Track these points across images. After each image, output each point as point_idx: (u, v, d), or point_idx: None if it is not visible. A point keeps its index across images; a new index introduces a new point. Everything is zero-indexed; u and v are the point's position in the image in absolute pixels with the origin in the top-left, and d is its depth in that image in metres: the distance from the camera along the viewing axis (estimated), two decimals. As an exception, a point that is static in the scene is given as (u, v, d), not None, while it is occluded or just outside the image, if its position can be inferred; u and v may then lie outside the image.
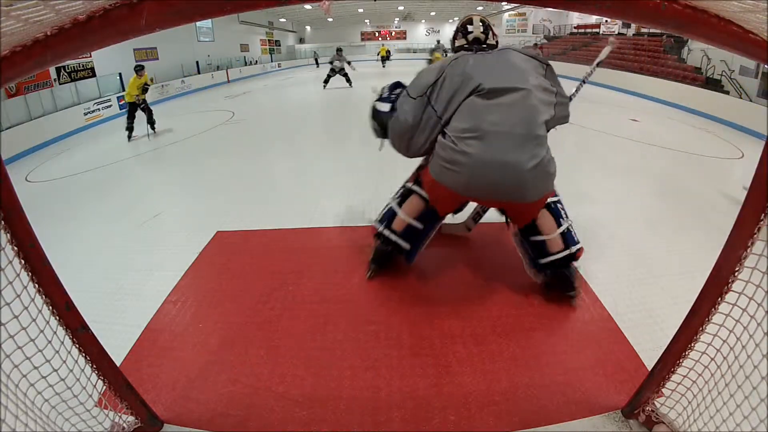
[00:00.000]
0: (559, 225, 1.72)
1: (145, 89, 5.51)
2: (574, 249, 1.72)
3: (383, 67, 17.07)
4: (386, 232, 1.80)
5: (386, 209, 1.89)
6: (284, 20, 25.63)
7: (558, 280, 1.76)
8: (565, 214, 1.79)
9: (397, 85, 1.85)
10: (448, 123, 1.58)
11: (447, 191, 1.61)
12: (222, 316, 1.75)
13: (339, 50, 9.86)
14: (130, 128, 5.59)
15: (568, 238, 1.73)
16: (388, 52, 18.41)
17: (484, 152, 1.47)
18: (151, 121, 5.70)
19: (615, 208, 2.86)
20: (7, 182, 0.81)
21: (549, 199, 1.71)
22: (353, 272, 2.02)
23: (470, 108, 1.52)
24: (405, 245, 1.80)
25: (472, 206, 2.26)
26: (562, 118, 1.68)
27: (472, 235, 2.44)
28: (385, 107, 1.78)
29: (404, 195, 1.84)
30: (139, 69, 5.43)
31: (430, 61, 10.08)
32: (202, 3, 0.48)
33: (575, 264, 1.77)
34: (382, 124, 1.82)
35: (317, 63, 19.78)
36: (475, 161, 1.48)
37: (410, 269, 2.06)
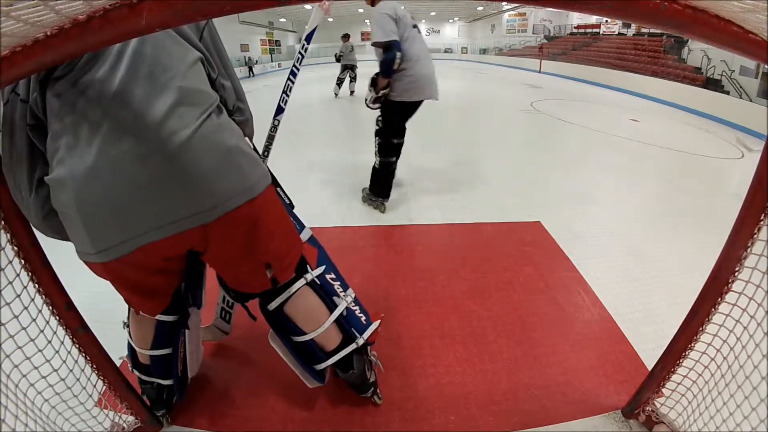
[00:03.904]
0: (331, 309, 1.13)
1: None
2: (361, 340, 1.17)
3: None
4: (137, 373, 1.18)
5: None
6: (284, 20, 25.65)
7: (347, 382, 1.25)
8: (342, 285, 1.20)
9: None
10: None
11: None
12: (222, 316, 1.74)
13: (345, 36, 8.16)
14: None
15: (348, 323, 1.17)
16: None
17: None
18: None
19: (615, 208, 2.86)
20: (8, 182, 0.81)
21: (311, 274, 1.11)
22: (353, 272, 2.02)
23: None
24: (164, 381, 1.18)
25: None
26: None
27: (471, 235, 2.43)
28: None
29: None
30: None
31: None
32: (202, 3, 0.48)
33: (371, 354, 1.28)
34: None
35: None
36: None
37: (410, 269, 2.06)
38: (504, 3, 19.54)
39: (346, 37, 8.41)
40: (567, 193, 3.12)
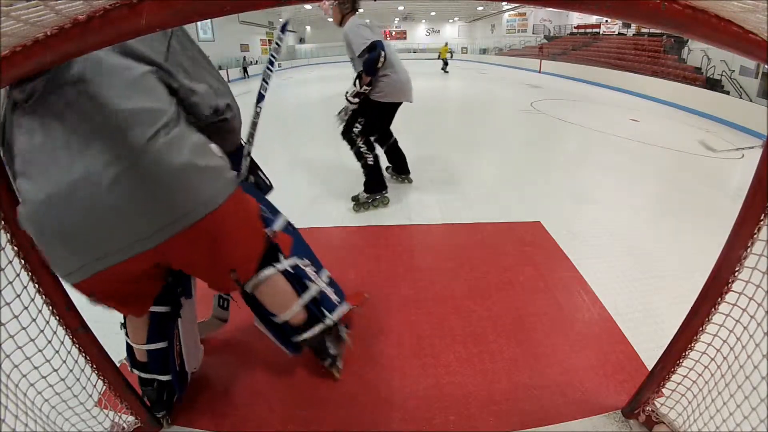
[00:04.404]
0: (300, 294, 1.20)
1: None
2: (329, 321, 1.26)
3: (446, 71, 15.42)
4: (136, 372, 1.21)
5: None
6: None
7: (314, 351, 1.36)
8: (315, 267, 1.31)
9: None
10: None
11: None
12: (222, 316, 1.74)
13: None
14: None
15: (317, 307, 1.26)
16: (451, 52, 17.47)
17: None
18: None
19: (615, 208, 2.86)
20: (7, 182, 0.81)
21: (283, 263, 1.16)
22: (352, 272, 2.02)
23: None
24: (163, 377, 1.20)
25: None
26: None
27: (471, 235, 2.43)
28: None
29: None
30: None
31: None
32: (202, 3, 0.48)
33: (341, 329, 1.37)
34: None
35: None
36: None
37: (410, 269, 2.06)
38: (504, 3, 19.54)
39: None
40: (567, 193, 3.12)
